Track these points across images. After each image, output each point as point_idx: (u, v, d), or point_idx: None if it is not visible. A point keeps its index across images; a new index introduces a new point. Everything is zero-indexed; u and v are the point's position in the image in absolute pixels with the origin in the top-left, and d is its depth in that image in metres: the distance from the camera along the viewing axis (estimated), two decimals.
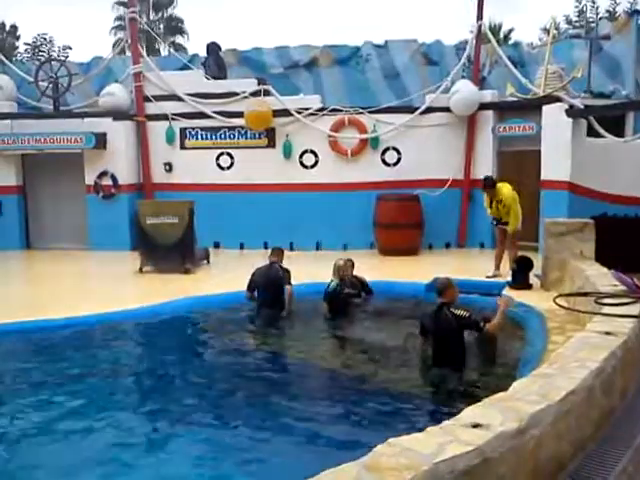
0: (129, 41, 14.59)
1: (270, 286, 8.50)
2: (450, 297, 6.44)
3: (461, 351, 6.28)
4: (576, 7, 24.16)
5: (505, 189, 9.82)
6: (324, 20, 49.75)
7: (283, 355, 7.25)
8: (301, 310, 8.71)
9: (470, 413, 3.23)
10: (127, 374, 6.69)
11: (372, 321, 8.25)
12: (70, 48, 29.59)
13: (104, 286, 10.30)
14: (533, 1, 46.03)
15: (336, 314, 8.31)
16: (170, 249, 11.03)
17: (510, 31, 29.48)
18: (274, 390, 6.17)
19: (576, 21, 26.54)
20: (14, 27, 34.80)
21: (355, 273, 8.93)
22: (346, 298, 8.41)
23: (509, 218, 9.77)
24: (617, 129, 11.36)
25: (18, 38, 34.79)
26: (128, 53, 15.41)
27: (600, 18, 17.34)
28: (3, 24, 34.38)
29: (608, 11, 24.79)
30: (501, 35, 27.42)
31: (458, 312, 6.31)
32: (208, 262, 11.94)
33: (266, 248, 13.32)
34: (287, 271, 8.60)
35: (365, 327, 8.02)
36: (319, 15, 52.86)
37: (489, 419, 3.10)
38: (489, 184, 9.93)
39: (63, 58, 21.45)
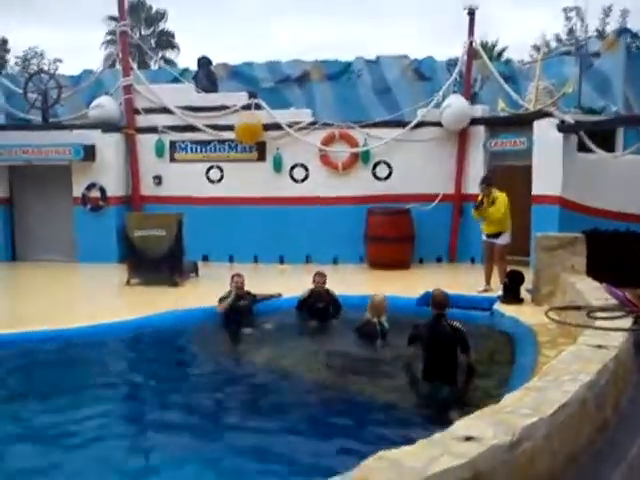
0: (120, 54, 14.55)
1: None
2: (445, 310, 6.41)
3: (454, 364, 6.20)
4: (566, 26, 24.44)
5: (499, 193, 9.90)
6: (316, 35, 50.07)
7: (273, 370, 7.09)
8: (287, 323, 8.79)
9: (462, 426, 3.17)
10: (109, 387, 6.57)
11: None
12: (60, 61, 29.64)
13: (90, 299, 10.20)
14: (525, 20, 46.53)
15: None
16: (158, 262, 10.93)
17: (504, 49, 29.78)
18: (262, 404, 6.12)
19: (566, 39, 26.81)
20: (4, 41, 34.80)
21: (328, 287, 9.08)
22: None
23: (498, 224, 9.76)
24: (607, 145, 11.40)
25: (8, 51, 34.80)
26: (118, 66, 15.39)
27: (589, 37, 17.46)
28: None
29: (597, 30, 25.05)
30: (494, 53, 27.65)
31: (455, 324, 6.26)
32: (197, 275, 11.83)
33: (256, 261, 13.34)
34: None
35: (355, 342, 7.93)
36: (311, 30, 53.19)
37: (481, 432, 3.04)
38: (488, 181, 10.05)
39: (53, 71, 21.33)
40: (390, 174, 13.32)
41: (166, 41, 35.25)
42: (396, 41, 45.31)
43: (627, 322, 5.75)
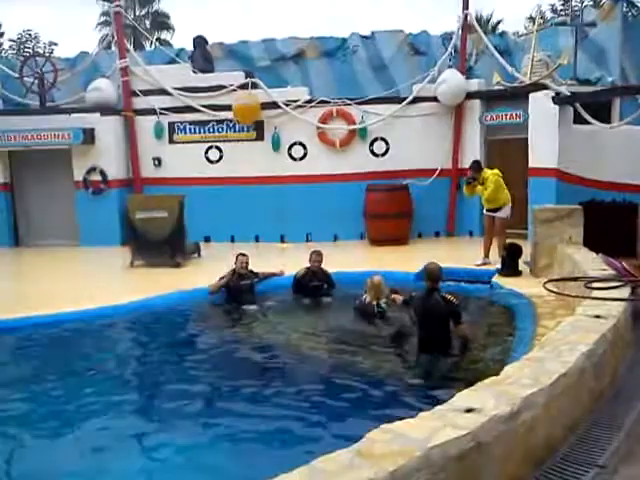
0: (115, 35, 14.50)
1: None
2: (438, 283, 6.53)
3: (448, 336, 6.34)
4: None
5: (489, 172, 9.93)
6: (310, 12, 49.63)
7: (276, 346, 7.15)
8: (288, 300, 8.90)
9: (463, 398, 3.25)
10: (116, 369, 6.63)
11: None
12: (56, 44, 29.43)
13: (95, 281, 10.26)
14: None
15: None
16: (160, 243, 11.02)
17: (498, 22, 29.62)
18: (266, 380, 6.15)
19: (561, 10, 26.63)
20: None
21: (327, 265, 9.13)
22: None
23: (494, 200, 9.82)
24: (603, 115, 11.40)
25: (2, 35, 34.51)
26: (114, 48, 15.32)
27: (585, 6, 17.37)
28: None
29: None
30: (489, 27, 27.51)
31: (448, 297, 6.38)
32: (199, 255, 11.92)
33: (257, 241, 13.42)
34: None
35: (353, 320, 7.99)
36: (305, 7, 52.69)
37: (482, 403, 3.12)
38: (475, 167, 10.06)
39: (48, 54, 21.20)
40: (388, 150, 13.35)
41: (161, 22, 34.92)
42: (390, 15, 44.87)
43: (625, 292, 5.80)
